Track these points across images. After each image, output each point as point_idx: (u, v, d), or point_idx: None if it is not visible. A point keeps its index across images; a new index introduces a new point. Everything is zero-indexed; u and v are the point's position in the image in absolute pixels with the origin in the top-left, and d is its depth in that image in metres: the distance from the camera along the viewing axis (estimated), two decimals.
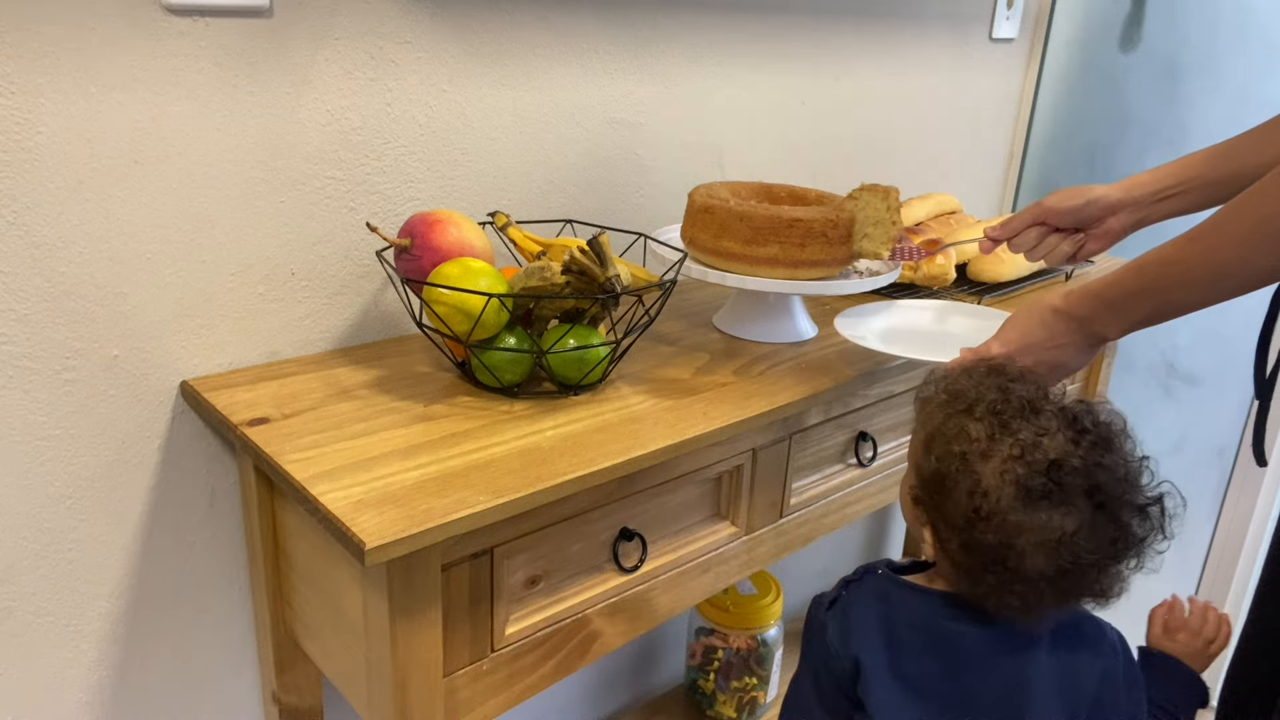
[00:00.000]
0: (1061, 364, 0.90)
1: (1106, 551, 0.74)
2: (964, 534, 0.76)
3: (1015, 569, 0.74)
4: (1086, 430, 0.76)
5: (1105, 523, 0.74)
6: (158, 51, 0.85)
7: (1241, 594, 1.79)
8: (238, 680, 1.08)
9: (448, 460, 0.80)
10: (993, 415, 0.77)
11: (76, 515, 0.91)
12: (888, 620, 0.82)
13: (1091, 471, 0.74)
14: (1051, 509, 0.73)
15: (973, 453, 0.76)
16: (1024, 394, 0.78)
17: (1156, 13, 1.74)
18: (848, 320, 1.10)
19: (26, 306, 0.83)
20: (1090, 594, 0.77)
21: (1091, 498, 0.74)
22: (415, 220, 0.95)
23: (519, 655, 0.85)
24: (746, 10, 1.32)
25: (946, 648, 0.80)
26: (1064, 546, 0.73)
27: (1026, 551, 0.73)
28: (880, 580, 0.85)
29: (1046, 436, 0.75)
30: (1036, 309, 0.90)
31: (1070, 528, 0.73)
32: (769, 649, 1.55)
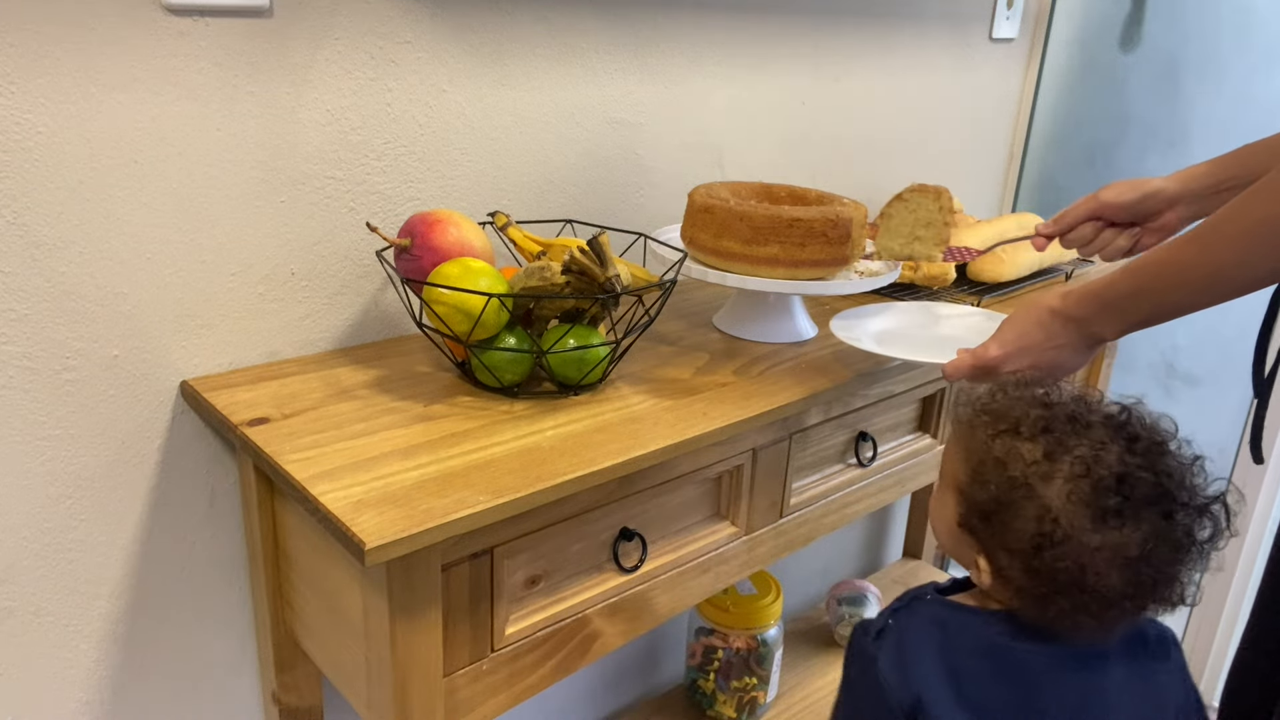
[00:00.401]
0: (1059, 364, 0.89)
1: (1180, 557, 0.72)
2: (1032, 559, 0.73)
3: (1092, 589, 0.71)
4: (1139, 438, 0.74)
5: (1173, 529, 0.72)
6: (158, 51, 0.85)
7: (1241, 594, 1.79)
8: (238, 680, 1.08)
9: (448, 460, 0.80)
10: (1044, 433, 0.74)
11: (76, 515, 0.91)
12: (947, 649, 0.77)
13: (1155, 480, 0.72)
14: (1122, 525, 0.70)
15: (1033, 475, 0.73)
16: (1065, 407, 0.76)
17: (1156, 13, 1.74)
18: (844, 322, 1.10)
19: (26, 306, 0.83)
20: (1166, 602, 0.74)
21: (1158, 506, 0.71)
22: (415, 220, 0.95)
23: (519, 655, 0.85)
24: (746, 10, 1.32)
25: (1015, 671, 0.77)
26: (1142, 562, 0.70)
27: (1103, 571, 0.71)
28: (934, 606, 0.81)
29: (1104, 450, 0.72)
30: (1034, 310, 0.89)
31: (1148, 543, 0.70)
32: (769, 649, 1.55)
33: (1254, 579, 1.78)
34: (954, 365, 0.94)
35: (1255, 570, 1.78)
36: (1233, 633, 1.82)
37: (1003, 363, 0.90)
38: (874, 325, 1.12)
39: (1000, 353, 0.90)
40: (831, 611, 1.79)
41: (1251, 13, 1.64)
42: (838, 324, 1.08)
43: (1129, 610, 0.73)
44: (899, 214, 1.09)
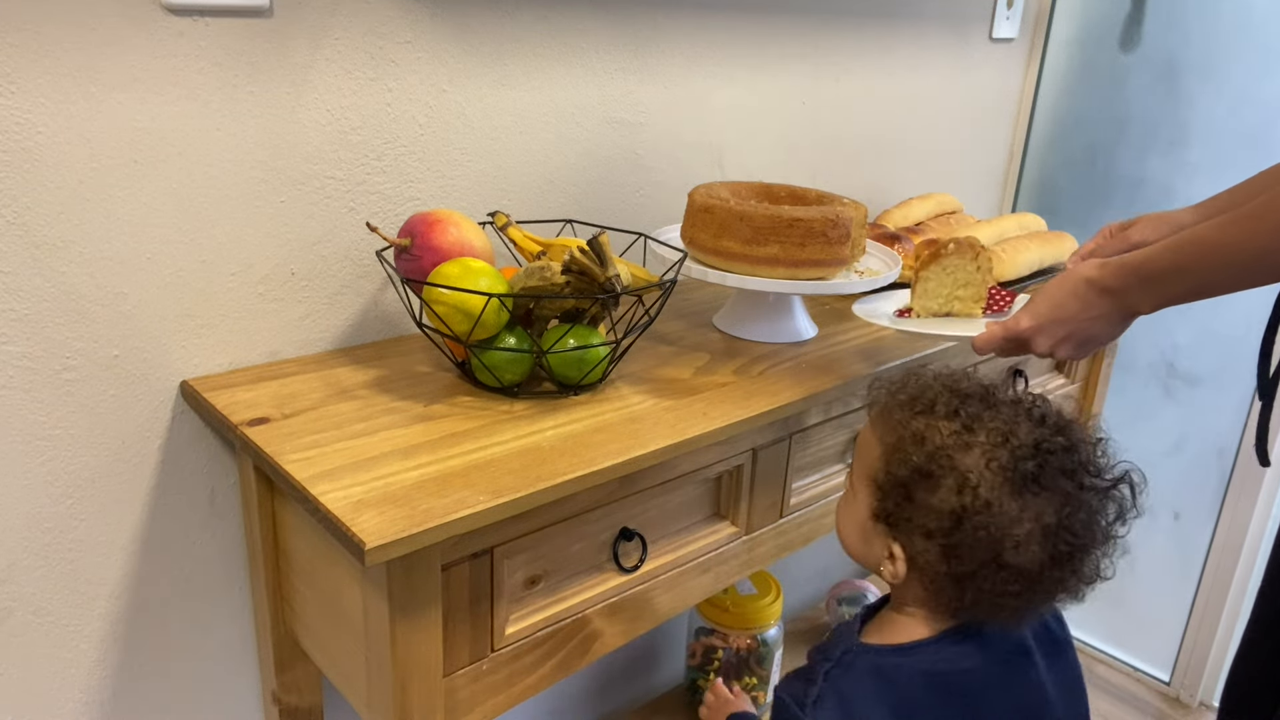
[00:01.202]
0: (1093, 336, 0.89)
1: (1091, 533, 0.74)
2: (949, 537, 0.73)
3: (1011, 564, 0.72)
4: (1046, 416, 0.76)
5: (1086, 499, 0.73)
6: (158, 51, 0.85)
7: (1241, 594, 1.79)
8: (238, 680, 1.08)
9: (448, 460, 0.80)
10: (958, 411, 0.76)
11: (76, 515, 0.91)
12: (891, 695, 0.76)
13: (1069, 448, 0.74)
14: (1040, 493, 0.72)
15: (951, 446, 0.74)
16: (975, 391, 0.78)
17: (1156, 13, 1.74)
18: (866, 306, 1.09)
19: (26, 306, 0.83)
20: (1081, 582, 0.75)
21: (1072, 477, 0.73)
22: (415, 220, 0.95)
23: (519, 655, 0.85)
24: (746, 10, 1.32)
25: (957, 692, 0.77)
26: (1061, 529, 0.72)
27: (1022, 542, 0.72)
28: (865, 656, 0.79)
29: (1016, 424, 0.74)
30: (1069, 280, 0.89)
31: (1064, 510, 0.72)
32: (769, 649, 1.55)
33: (1254, 579, 1.78)
34: (985, 338, 0.94)
35: (1255, 570, 1.78)
36: (1233, 632, 1.82)
37: (1036, 334, 0.90)
38: (893, 308, 1.11)
39: (1033, 324, 0.90)
40: (831, 611, 1.80)
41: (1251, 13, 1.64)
42: (860, 308, 1.08)
43: (1046, 587, 0.74)
44: (936, 278, 1.06)
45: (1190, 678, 1.88)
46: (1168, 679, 1.92)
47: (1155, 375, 1.84)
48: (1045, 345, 0.91)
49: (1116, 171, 1.82)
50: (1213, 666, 1.85)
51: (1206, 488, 1.81)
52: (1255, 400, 1.70)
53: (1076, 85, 1.85)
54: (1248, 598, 1.79)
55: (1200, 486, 1.81)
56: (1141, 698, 1.90)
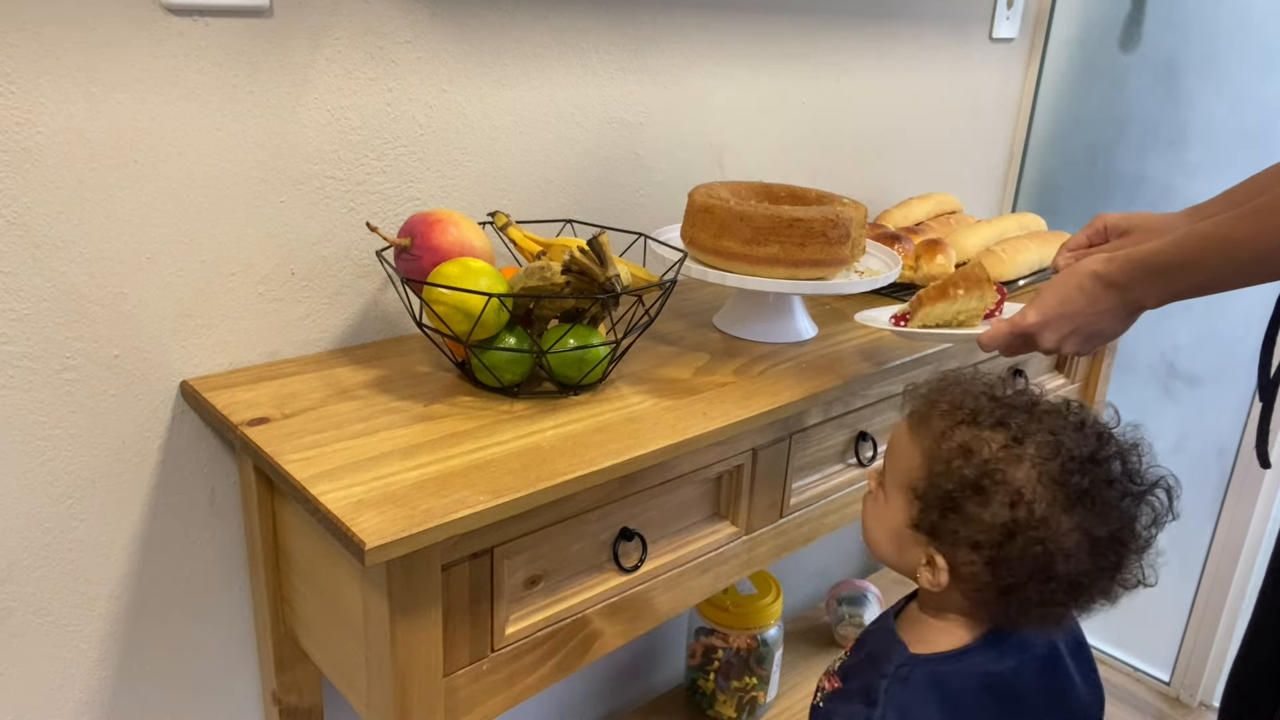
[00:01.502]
0: (1099, 331, 0.89)
1: (1136, 540, 0.73)
2: (1001, 548, 0.72)
3: (1061, 574, 0.71)
4: (1086, 422, 0.76)
5: (1130, 509, 0.73)
6: (158, 51, 0.85)
7: (1241, 594, 1.79)
8: (238, 680, 1.08)
9: (448, 460, 0.80)
10: (1002, 422, 0.75)
11: (76, 515, 0.91)
12: (950, 704, 0.77)
13: (1111, 462, 0.73)
14: (1092, 505, 0.72)
15: (1002, 460, 0.73)
16: (1014, 397, 0.77)
17: (1156, 13, 1.74)
18: (869, 314, 1.09)
19: (26, 306, 0.83)
20: (1123, 589, 0.75)
21: (1115, 487, 0.73)
22: (415, 220, 0.95)
23: (519, 655, 0.85)
24: (746, 10, 1.32)
25: (1007, 693, 0.78)
26: (1114, 541, 0.71)
27: (1073, 553, 0.71)
28: (922, 667, 0.78)
29: (1063, 434, 0.74)
30: (1075, 274, 0.88)
31: (1114, 522, 0.72)
32: (769, 649, 1.55)
33: (1254, 580, 1.78)
34: (990, 334, 0.94)
35: (1255, 570, 1.78)
36: (1233, 632, 1.82)
37: (1042, 329, 0.90)
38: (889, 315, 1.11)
39: (1039, 319, 0.89)
40: (831, 611, 1.79)
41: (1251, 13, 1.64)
42: (863, 316, 1.09)
43: (1092, 594, 0.74)
44: (941, 308, 1.05)
45: (1190, 678, 1.88)
46: (1168, 679, 1.92)
47: (1155, 375, 1.84)
48: (1052, 340, 0.90)
49: (1116, 171, 1.82)
50: (1213, 666, 1.85)
51: (1206, 488, 1.81)
52: (1255, 401, 1.70)
53: (1076, 85, 1.85)
54: (1248, 598, 1.79)
55: (1200, 486, 1.81)
56: (1141, 698, 1.90)
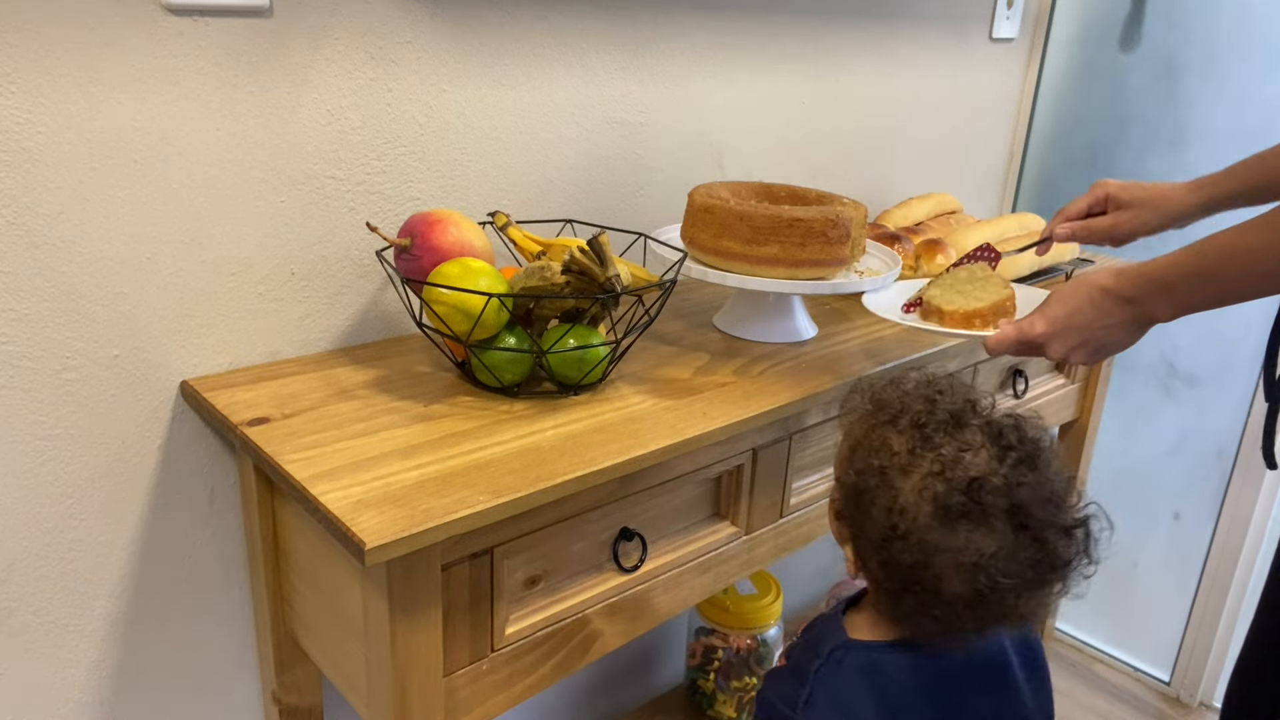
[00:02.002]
0: (1107, 344, 0.88)
1: (1027, 575, 0.70)
2: (882, 551, 0.73)
3: (933, 590, 0.71)
4: (1012, 447, 0.72)
5: (1027, 544, 0.70)
6: (158, 51, 0.85)
7: (1241, 594, 1.79)
8: (238, 680, 1.08)
9: (448, 460, 0.80)
10: (916, 428, 0.74)
11: (76, 515, 0.91)
12: (881, 692, 0.76)
13: (1013, 490, 0.70)
14: (971, 529, 0.70)
15: (893, 467, 0.73)
16: (950, 407, 0.75)
17: (1156, 13, 1.74)
18: (877, 299, 1.09)
19: (26, 306, 0.83)
20: (1011, 619, 0.73)
21: (1013, 518, 0.70)
22: (415, 220, 0.95)
23: (519, 655, 0.85)
24: (746, 10, 1.32)
25: (942, 691, 0.77)
26: (981, 569, 0.69)
27: (944, 573, 0.70)
28: (856, 653, 0.78)
29: (970, 452, 0.71)
30: (1084, 287, 0.88)
31: (989, 549, 0.69)
32: (769, 649, 1.55)
33: (1254, 580, 1.78)
34: (997, 339, 0.93)
35: (1255, 571, 1.78)
36: (1233, 632, 1.82)
37: (1049, 339, 0.89)
38: (901, 299, 1.10)
39: (1047, 329, 0.89)
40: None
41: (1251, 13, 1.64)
42: (871, 300, 1.07)
43: (970, 619, 0.72)
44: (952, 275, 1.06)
45: (1190, 678, 1.88)
46: (1168, 679, 1.92)
47: (1155, 375, 1.84)
48: (1059, 351, 0.90)
49: (1116, 171, 1.82)
50: (1213, 666, 1.85)
51: (1206, 488, 1.80)
52: (1255, 401, 1.70)
53: (1076, 85, 1.85)
54: (1248, 598, 1.79)
55: (1200, 486, 1.81)
56: (1141, 698, 1.90)
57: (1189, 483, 1.83)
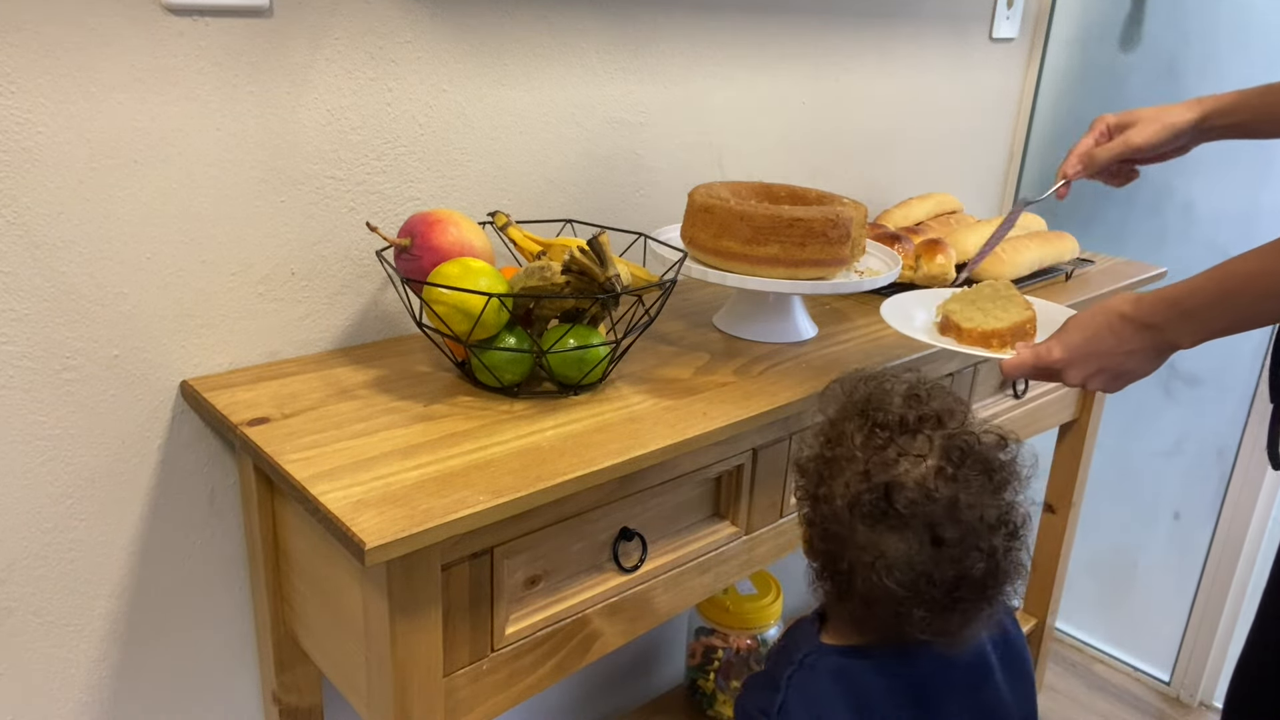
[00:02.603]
0: (1127, 372, 0.87)
1: (931, 593, 0.70)
2: (811, 536, 0.77)
3: (846, 585, 0.73)
4: (955, 464, 0.72)
5: (944, 562, 0.70)
6: (158, 51, 0.85)
7: (1241, 594, 1.79)
8: (238, 680, 1.08)
9: (448, 460, 0.80)
10: (870, 426, 0.74)
11: (76, 515, 0.91)
12: (854, 697, 0.76)
13: (932, 504, 0.70)
14: (882, 532, 0.71)
15: (836, 458, 0.75)
16: (913, 413, 0.75)
17: (1156, 12, 1.74)
18: (895, 309, 1.07)
19: (26, 306, 0.83)
20: (922, 634, 0.73)
21: (932, 532, 0.70)
22: (415, 220, 0.95)
23: (519, 655, 0.85)
24: (746, 10, 1.32)
25: (918, 696, 0.77)
26: (880, 572, 0.70)
27: (854, 569, 0.72)
28: (828, 658, 0.78)
29: (907, 459, 0.72)
30: (1102, 313, 0.86)
31: (893, 555, 0.70)
32: (769, 649, 1.55)
33: (1254, 580, 1.78)
34: (1014, 363, 0.92)
35: (1255, 571, 1.78)
36: (1233, 632, 1.82)
37: (1067, 366, 0.88)
38: (922, 316, 1.09)
39: (1064, 356, 0.87)
40: None
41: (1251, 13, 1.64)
42: (889, 311, 1.06)
43: (882, 620, 0.73)
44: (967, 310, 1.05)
45: (1190, 678, 1.88)
46: (1168, 679, 1.92)
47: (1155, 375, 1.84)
48: (1077, 378, 0.89)
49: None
50: (1213, 666, 1.85)
51: (1206, 488, 1.81)
52: (1255, 401, 1.70)
53: (1076, 85, 1.85)
54: (1248, 598, 1.79)
55: (1200, 486, 1.81)
56: (1141, 698, 1.90)
57: (1189, 483, 1.83)
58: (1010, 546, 0.73)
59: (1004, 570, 0.73)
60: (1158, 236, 1.77)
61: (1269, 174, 1.65)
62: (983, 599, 0.73)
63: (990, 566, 0.72)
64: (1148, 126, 1.07)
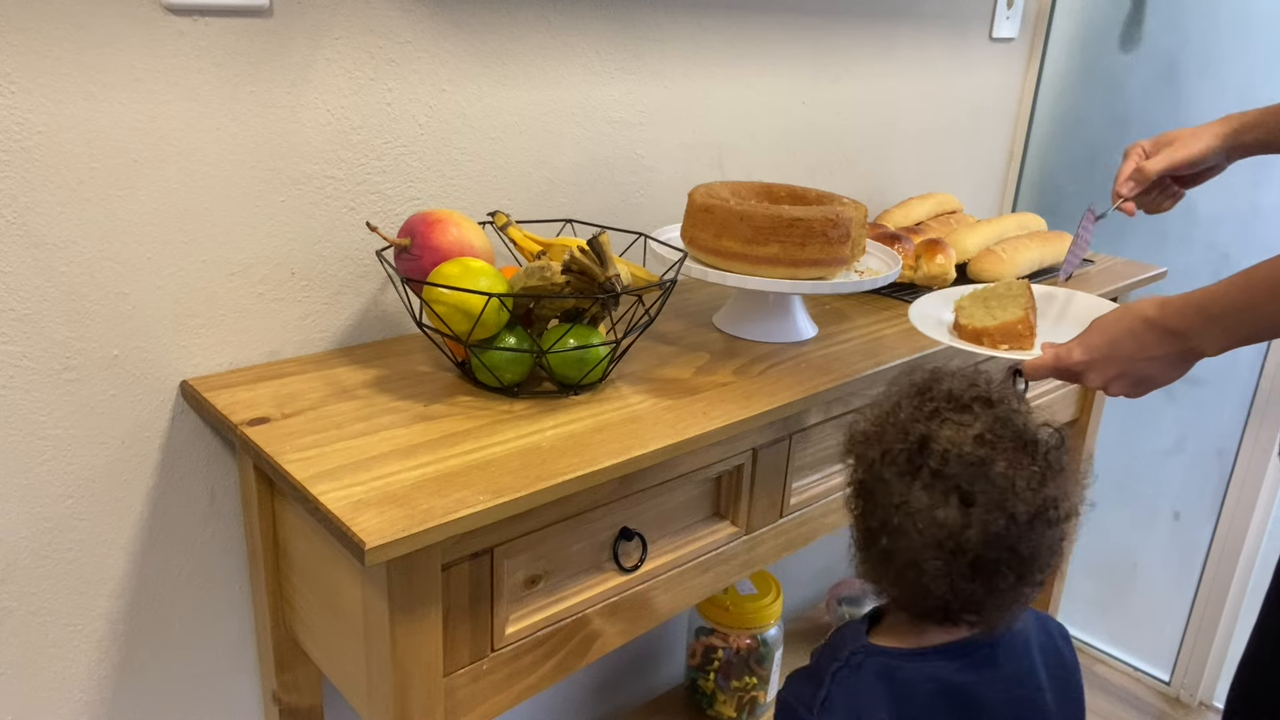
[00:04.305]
0: (1149, 378, 0.85)
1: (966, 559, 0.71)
2: (854, 504, 0.78)
3: (872, 542, 0.75)
4: (995, 434, 0.73)
5: (975, 526, 0.70)
6: (158, 51, 0.85)
7: (1241, 594, 1.79)
8: (238, 680, 1.08)
9: (448, 460, 0.80)
10: (923, 399, 0.76)
11: (76, 515, 0.91)
12: (899, 700, 0.76)
13: (966, 465, 0.71)
14: (910, 485, 0.72)
15: (884, 424, 0.77)
16: (966, 392, 0.76)
17: (1156, 13, 1.74)
18: (922, 310, 1.09)
19: (27, 306, 0.83)
20: (953, 606, 0.73)
21: (960, 492, 0.71)
22: (415, 220, 0.95)
23: (519, 655, 0.85)
24: (746, 10, 1.32)
25: (963, 704, 0.77)
26: (902, 522, 0.72)
27: (884, 526, 0.73)
28: (875, 658, 0.78)
29: (948, 425, 0.73)
30: (1126, 318, 0.85)
31: (916, 505, 0.71)
32: (769, 649, 1.55)
33: (1254, 580, 1.78)
34: (1035, 364, 0.91)
35: (1255, 571, 1.78)
36: (1233, 632, 1.82)
37: (1087, 369, 0.87)
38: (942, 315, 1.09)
39: (1085, 358, 0.87)
40: (831, 611, 1.80)
41: (1251, 13, 1.64)
42: (916, 314, 1.07)
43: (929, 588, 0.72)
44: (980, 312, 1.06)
45: (1190, 678, 1.88)
46: (1168, 679, 1.92)
47: None
48: (1097, 381, 0.87)
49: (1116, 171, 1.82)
50: (1213, 666, 1.85)
51: (1206, 488, 1.80)
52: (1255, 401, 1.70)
53: (1076, 85, 1.85)
54: (1248, 598, 1.79)
55: (1200, 486, 1.81)
56: (1141, 698, 1.90)
57: (1189, 483, 1.83)
58: (1046, 532, 0.73)
59: (1037, 550, 0.72)
60: (1157, 236, 1.77)
61: (1269, 174, 1.65)
62: (1010, 574, 0.72)
63: (1021, 542, 0.71)
64: (1189, 143, 1.09)
